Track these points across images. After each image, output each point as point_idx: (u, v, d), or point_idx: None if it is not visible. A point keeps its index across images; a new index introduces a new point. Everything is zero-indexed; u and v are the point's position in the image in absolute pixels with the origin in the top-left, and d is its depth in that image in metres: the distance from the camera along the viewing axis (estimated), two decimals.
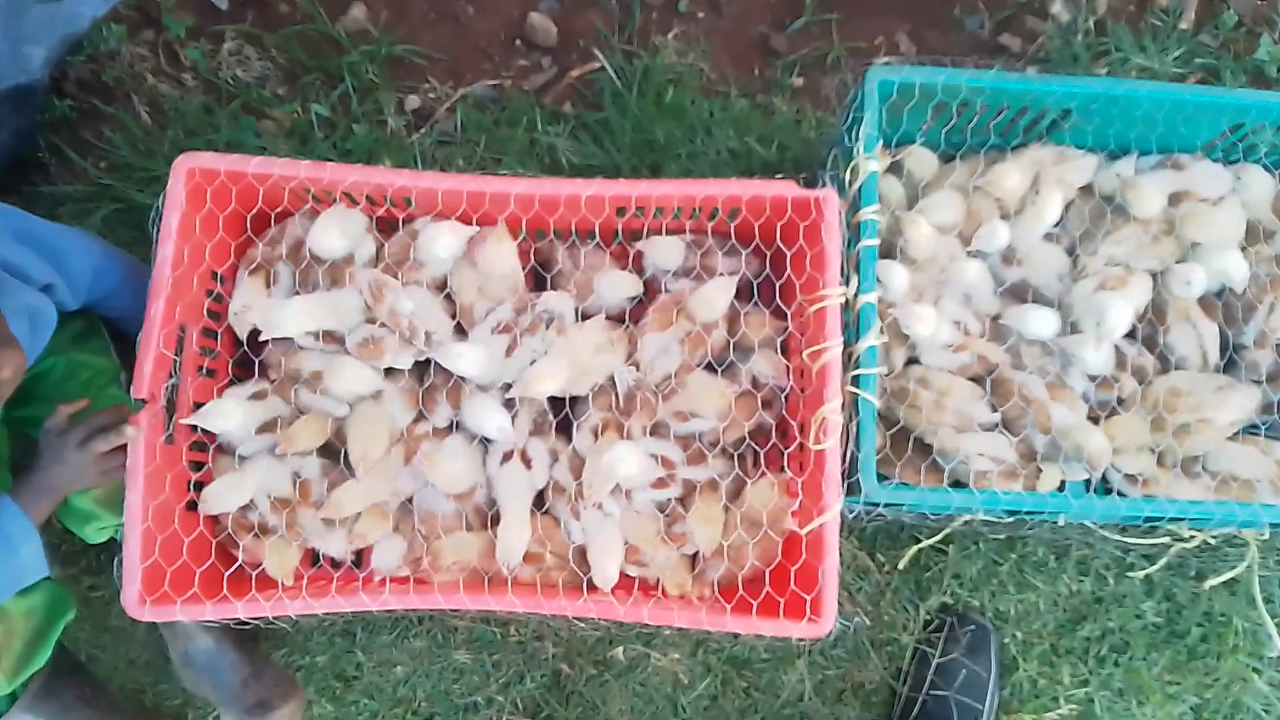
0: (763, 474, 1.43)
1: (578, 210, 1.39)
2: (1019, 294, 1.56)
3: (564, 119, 1.86)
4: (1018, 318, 1.51)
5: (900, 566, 1.66)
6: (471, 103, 1.88)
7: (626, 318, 1.55)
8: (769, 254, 1.55)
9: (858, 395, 1.34)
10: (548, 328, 1.41)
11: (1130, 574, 1.71)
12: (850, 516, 1.38)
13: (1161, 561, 1.65)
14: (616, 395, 1.45)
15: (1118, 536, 1.60)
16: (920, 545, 1.63)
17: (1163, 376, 1.52)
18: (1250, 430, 1.56)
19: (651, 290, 1.54)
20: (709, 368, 1.50)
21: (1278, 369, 1.55)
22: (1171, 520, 1.43)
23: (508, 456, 1.43)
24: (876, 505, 1.36)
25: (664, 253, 1.52)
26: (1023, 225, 1.55)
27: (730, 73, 1.92)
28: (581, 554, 1.41)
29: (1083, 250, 1.56)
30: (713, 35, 1.94)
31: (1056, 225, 1.58)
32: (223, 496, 1.38)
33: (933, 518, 1.48)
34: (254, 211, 1.41)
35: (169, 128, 1.84)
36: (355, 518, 1.40)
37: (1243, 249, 1.56)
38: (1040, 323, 1.50)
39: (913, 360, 1.55)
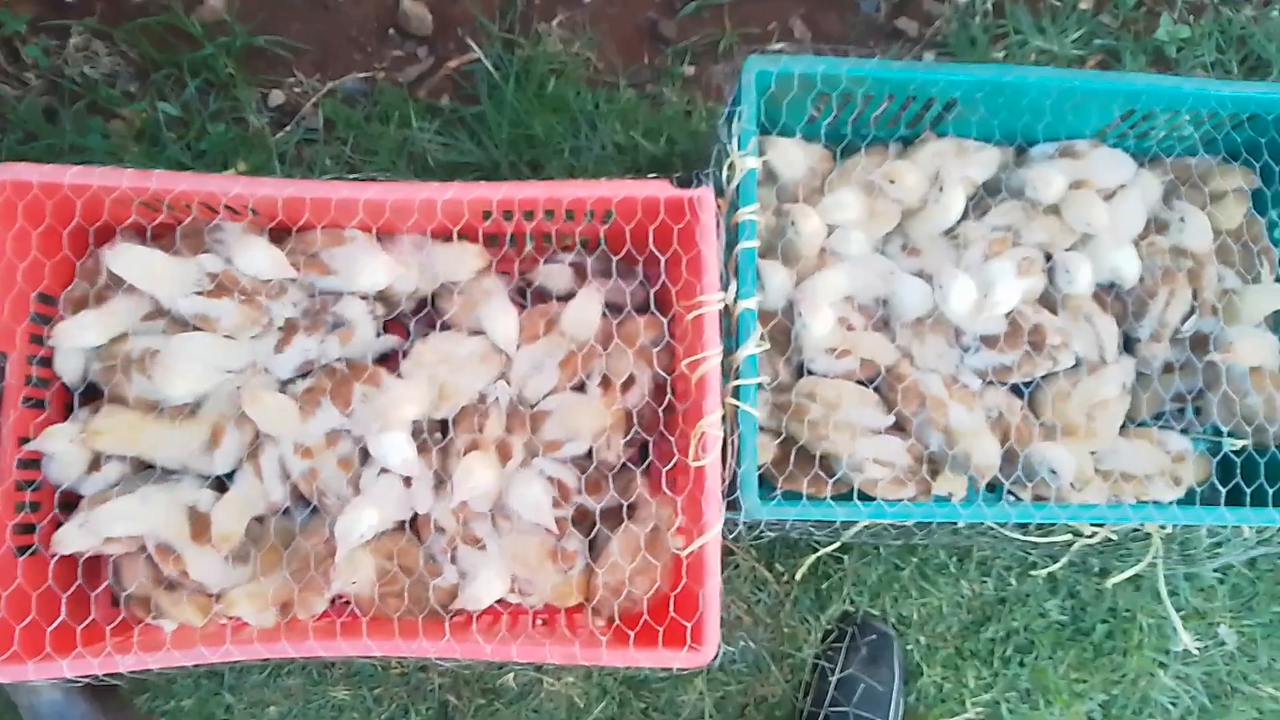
0: (641, 496, 1.35)
1: (433, 217, 1.29)
2: None
3: (440, 113, 1.74)
4: (894, 302, 1.44)
5: (798, 577, 1.59)
6: (340, 97, 1.75)
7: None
8: (641, 259, 1.46)
9: (738, 408, 1.27)
10: (332, 331, 1.31)
11: (1033, 573, 1.67)
12: (730, 536, 1.31)
13: (1064, 559, 1.61)
14: (489, 414, 1.36)
15: (1019, 536, 1.56)
16: (817, 554, 1.57)
17: (1039, 390, 1.47)
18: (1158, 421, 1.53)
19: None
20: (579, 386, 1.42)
21: (1177, 361, 1.52)
22: (1083, 521, 1.39)
23: (384, 470, 1.33)
24: (760, 523, 1.29)
25: (555, 280, 1.46)
26: (926, 223, 1.48)
27: (618, 62, 1.82)
28: (452, 593, 1.32)
29: (967, 223, 1.50)
30: (599, 22, 1.84)
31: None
32: (72, 538, 1.24)
33: (830, 525, 1.43)
34: (70, 227, 1.27)
35: (7, 132, 1.69)
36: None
37: (1137, 243, 1.52)
38: (912, 293, 1.43)
39: (800, 368, 1.48)
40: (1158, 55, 1.89)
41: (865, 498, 1.36)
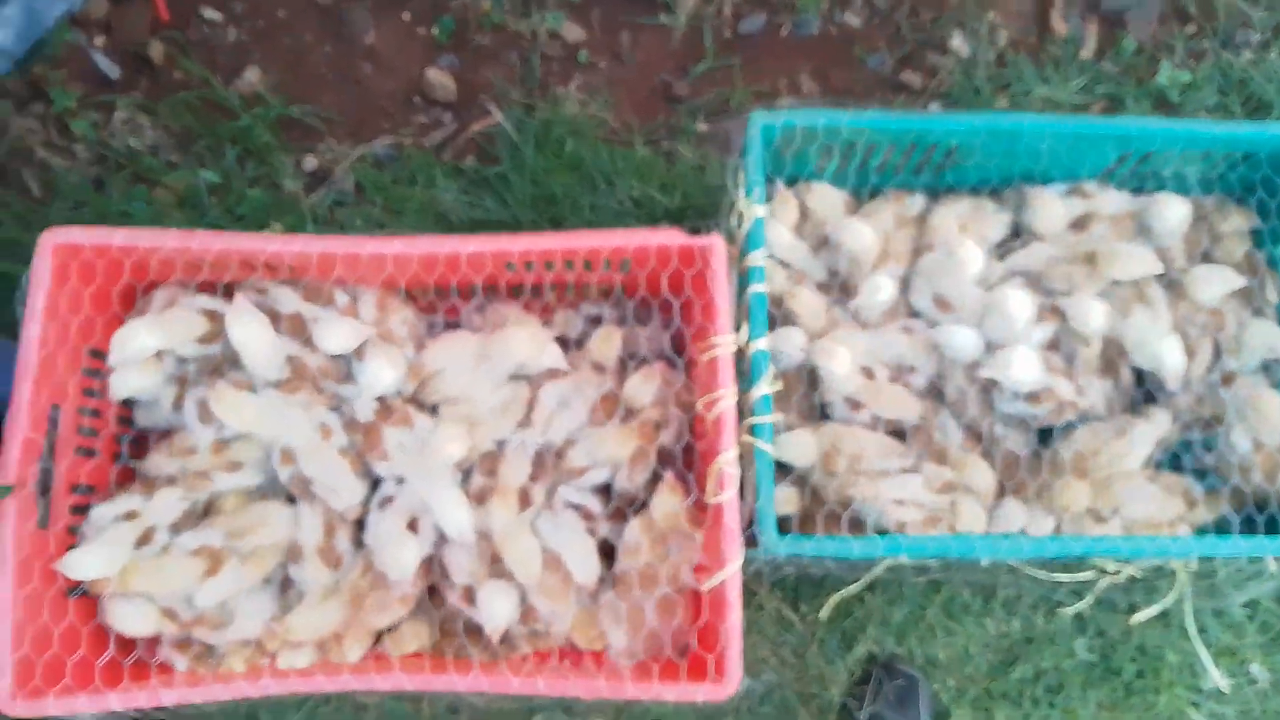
0: (660, 480, 1.38)
1: (458, 269, 1.35)
2: None
3: (464, 175, 1.83)
4: (944, 336, 1.46)
5: (822, 617, 1.60)
6: (370, 162, 1.84)
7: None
8: (655, 306, 1.52)
9: (755, 446, 1.31)
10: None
11: (1059, 611, 1.66)
12: (748, 574, 1.33)
13: (1090, 597, 1.61)
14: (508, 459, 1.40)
15: (1044, 574, 1.56)
16: (840, 594, 1.58)
17: (1065, 441, 1.48)
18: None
19: None
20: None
21: (1198, 409, 1.53)
22: (1101, 555, 1.39)
23: (385, 502, 1.38)
24: (780, 558, 1.32)
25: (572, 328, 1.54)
26: (946, 278, 1.51)
27: (634, 121, 1.90)
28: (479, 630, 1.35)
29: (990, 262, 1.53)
30: (615, 84, 1.92)
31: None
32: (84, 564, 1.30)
33: (854, 565, 1.44)
34: (120, 286, 1.36)
35: (59, 200, 1.79)
36: None
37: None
38: (963, 340, 1.45)
39: (825, 415, 1.51)
40: (1160, 100, 1.94)
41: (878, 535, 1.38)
